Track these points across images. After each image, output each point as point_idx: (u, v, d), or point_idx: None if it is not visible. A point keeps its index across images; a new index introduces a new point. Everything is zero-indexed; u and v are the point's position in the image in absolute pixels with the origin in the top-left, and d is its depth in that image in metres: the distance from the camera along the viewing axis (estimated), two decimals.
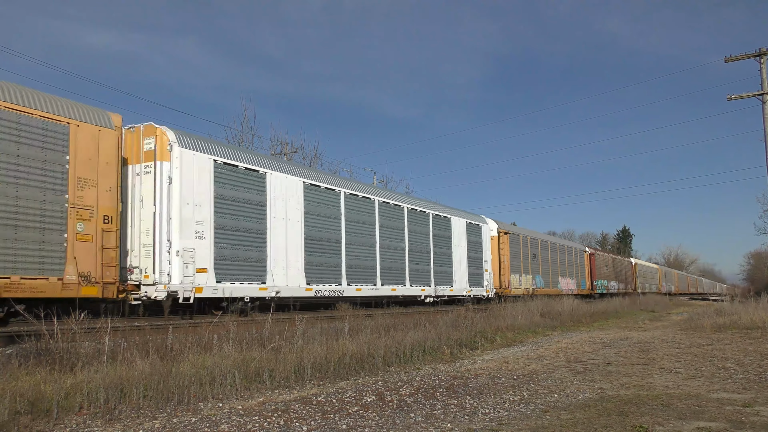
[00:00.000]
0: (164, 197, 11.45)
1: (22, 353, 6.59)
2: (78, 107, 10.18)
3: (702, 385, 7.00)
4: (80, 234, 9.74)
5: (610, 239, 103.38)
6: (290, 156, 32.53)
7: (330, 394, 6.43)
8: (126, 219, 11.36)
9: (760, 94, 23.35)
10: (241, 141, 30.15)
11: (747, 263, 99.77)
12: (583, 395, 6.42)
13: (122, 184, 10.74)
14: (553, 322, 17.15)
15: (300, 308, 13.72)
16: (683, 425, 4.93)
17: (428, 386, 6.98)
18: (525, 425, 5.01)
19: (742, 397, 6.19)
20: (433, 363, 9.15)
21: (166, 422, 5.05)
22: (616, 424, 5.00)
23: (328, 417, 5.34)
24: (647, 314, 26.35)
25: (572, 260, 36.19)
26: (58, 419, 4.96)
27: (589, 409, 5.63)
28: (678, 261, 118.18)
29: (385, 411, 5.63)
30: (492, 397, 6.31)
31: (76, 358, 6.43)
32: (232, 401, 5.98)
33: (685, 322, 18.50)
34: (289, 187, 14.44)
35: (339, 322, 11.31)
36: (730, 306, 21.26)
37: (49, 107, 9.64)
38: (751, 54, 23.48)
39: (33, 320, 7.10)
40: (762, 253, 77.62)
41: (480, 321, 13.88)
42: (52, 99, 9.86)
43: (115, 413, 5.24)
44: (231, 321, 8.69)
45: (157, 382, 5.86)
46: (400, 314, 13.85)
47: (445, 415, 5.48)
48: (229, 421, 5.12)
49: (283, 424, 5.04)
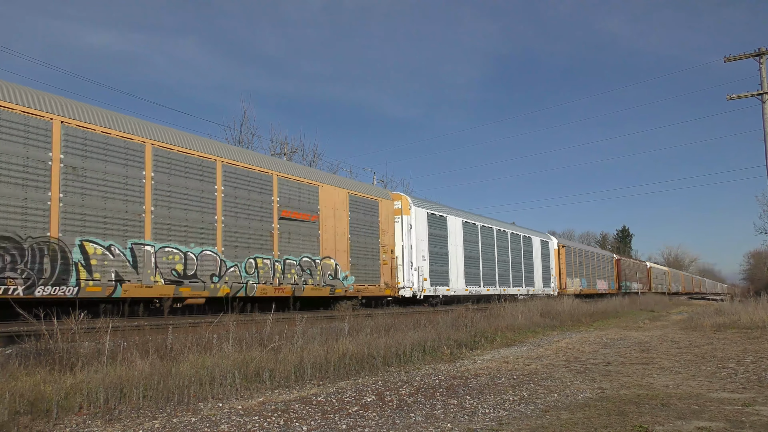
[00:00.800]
0: (406, 236, 19.84)
1: (21, 353, 6.59)
2: (380, 191, 19.95)
3: (702, 385, 7.00)
4: (383, 260, 18.33)
5: (609, 239, 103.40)
6: (290, 156, 32.51)
7: (330, 394, 6.43)
8: None
9: (759, 94, 23.36)
10: (240, 141, 30.12)
11: (747, 263, 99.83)
12: (582, 395, 6.42)
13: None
14: (553, 322, 17.15)
15: (461, 301, 22.26)
16: (683, 425, 4.93)
17: (428, 386, 6.99)
18: (525, 425, 5.01)
19: (741, 397, 6.19)
20: (433, 363, 9.15)
21: (166, 422, 5.05)
22: (615, 423, 5.00)
23: (328, 417, 5.34)
24: (647, 314, 26.33)
25: (605, 265, 45.17)
26: (58, 419, 4.96)
27: (589, 409, 5.63)
28: (678, 261, 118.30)
29: (384, 411, 5.63)
30: (492, 397, 6.31)
31: (75, 358, 6.43)
32: (231, 401, 5.98)
33: (684, 322, 18.50)
34: (456, 224, 23.37)
35: (339, 322, 11.31)
36: (730, 305, 21.25)
37: (371, 192, 18.76)
38: (751, 54, 23.50)
39: (33, 320, 7.09)
40: (762, 253, 77.60)
41: (480, 321, 13.88)
42: (373, 189, 19.38)
43: (114, 413, 5.24)
44: (231, 321, 8.69)
45: (157, 382, 5.86)
46: (400, 314, 13.90)
47: (445, 414, 5.48)
48: (229, 421, 5.12)
49: (282, 424, 5.04)
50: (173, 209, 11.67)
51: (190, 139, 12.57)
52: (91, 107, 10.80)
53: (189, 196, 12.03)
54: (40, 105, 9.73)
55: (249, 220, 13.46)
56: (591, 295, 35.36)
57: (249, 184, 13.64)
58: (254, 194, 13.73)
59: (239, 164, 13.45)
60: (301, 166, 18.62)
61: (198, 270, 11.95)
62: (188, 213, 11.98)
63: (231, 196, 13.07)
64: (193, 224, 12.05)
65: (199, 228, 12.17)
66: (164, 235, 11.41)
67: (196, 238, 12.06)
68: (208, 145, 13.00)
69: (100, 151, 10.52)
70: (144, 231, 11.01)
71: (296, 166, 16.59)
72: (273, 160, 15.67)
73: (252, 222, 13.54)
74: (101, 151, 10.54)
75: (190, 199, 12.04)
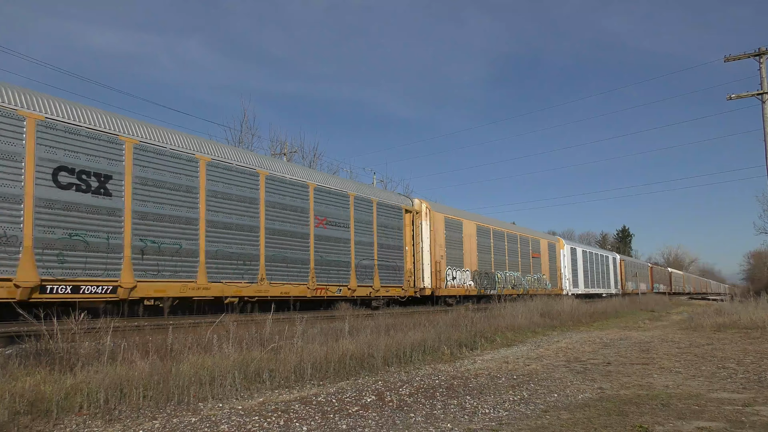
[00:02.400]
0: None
1: (22, 353, 6.59)
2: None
3: (702, 385, 7.00)
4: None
5: (609, 239, 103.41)
6: (290, 156, 32.49)
7: (330, 394, 6.43)
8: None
9: (759, 94, 23.35)
10: (240, 141, 30.10)
11: (747, 263, 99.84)
12: (582, 395, 6.42)
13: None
14: (553, 322, 17.14)
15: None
16: (683, 425, 4.93)
17: (428, 386, 6.99)
18: (525, 425, 5.01)
19: (741, 397, 6.19)
20: (433, 363, 9.15)
21: (166, 422, 5.05)
22: (615, 423, 5.00)
23: (328, 417, 5.34)
24: (647, 314, 26.31)
25: (644, 272, 56.75)
26: (58, 419, 4.95)
27: (589, 409, 5.63)
28: (678, 261, 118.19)
29: (385, 411, 5.63)
30: (492, 397, 6.31)
31: (75, 358, 6.43)
32: (231, 401, 5.98)
33: (684, 322, 18.49)
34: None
35: (339, 322, 11.31)
36: (730, 306, 21.24)
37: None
38: (751, 53, 23.49)
39: (33, 320, 7.10)
40: (762, 253, 77.66)
41: (480, 321, 13.87)
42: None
43: (114, 413, 5.24)
44: (231, 321, 8.69)
45: (157, 383, 5.86)
46: (400, 314, 13.92)
47: (445, 415, 5.48)
48: (229, 421, 5.12)
49: (282, 424, 5.04)
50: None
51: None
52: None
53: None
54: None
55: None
56: (637, 294, 50.00)
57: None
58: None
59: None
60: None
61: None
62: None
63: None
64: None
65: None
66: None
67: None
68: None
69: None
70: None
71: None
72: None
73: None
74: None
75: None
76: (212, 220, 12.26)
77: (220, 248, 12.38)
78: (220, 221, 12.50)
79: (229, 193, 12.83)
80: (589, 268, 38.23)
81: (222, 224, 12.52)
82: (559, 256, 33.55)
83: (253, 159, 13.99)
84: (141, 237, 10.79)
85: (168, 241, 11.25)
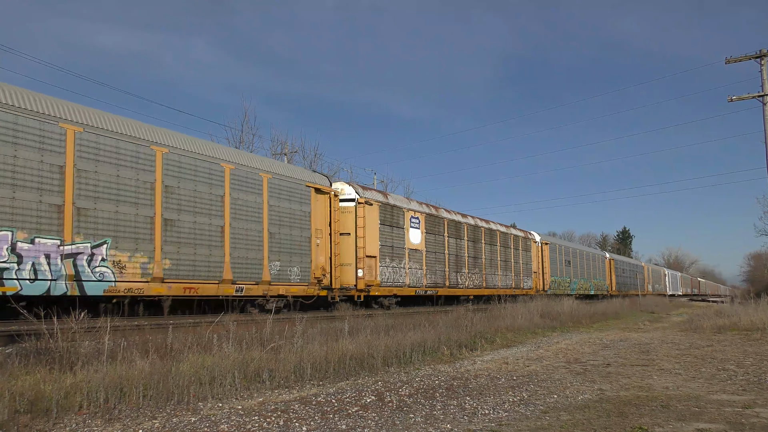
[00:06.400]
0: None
1: (21, 352, 6.59)
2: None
3: (702, 387, 7.00)
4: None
5: (609, 240, 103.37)
6: (290, 156, 32.49)
7: (329, 395, 6.43)
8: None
9: (760, 96, 23.33)
10: (241, 141, 30.12)
11: (747, 265, 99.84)
12: (582, 396, 6.42)
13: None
14: (553, 323, 17.14)
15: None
16: (683, 426, 4.92)
17: (428, 387, 6.98)
18: (524, 426, 5.01)
19: (741, 399, 6.19)
20: (432, 363, 9.15)
21: (166, 422, 5.05)
22: (615, 425, 5.00)
23: (328, 417, 5.34)
24: (647, 315, 26.31)
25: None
26: (58, 418, 4.96)
27: (589, 410, 5.62)
28: (678, 262, 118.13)
29: (384, 411, 5.63)
30: (491, 398, 6.31)
31: (75, 357, 6.43)
32: (231, 401, 5.98)
33: (684, 324, 18.48)
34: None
35: (339, 322, 11.31)
36: (730, 307, 21.23)
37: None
38: (752, 55, 23.46)
39: (33, 320, 7.09)
40: (762, 255, 77.73)
41: (480, 322, 13.87)
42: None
43: (114, 413, 5.24)
44: (231, 321, 8.69)
45: (157, 382, 5.85)
46: (400, 314, 13.89)
47: (445, 415, 5.48)
48: (229, 421, 5.12)
49: (282, 424, 5.04)
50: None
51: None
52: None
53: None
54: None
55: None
56: (670, 295, 59.17)
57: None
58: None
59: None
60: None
61: None
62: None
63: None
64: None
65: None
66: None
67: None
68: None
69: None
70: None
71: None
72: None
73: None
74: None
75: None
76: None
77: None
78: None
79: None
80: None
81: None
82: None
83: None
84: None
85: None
